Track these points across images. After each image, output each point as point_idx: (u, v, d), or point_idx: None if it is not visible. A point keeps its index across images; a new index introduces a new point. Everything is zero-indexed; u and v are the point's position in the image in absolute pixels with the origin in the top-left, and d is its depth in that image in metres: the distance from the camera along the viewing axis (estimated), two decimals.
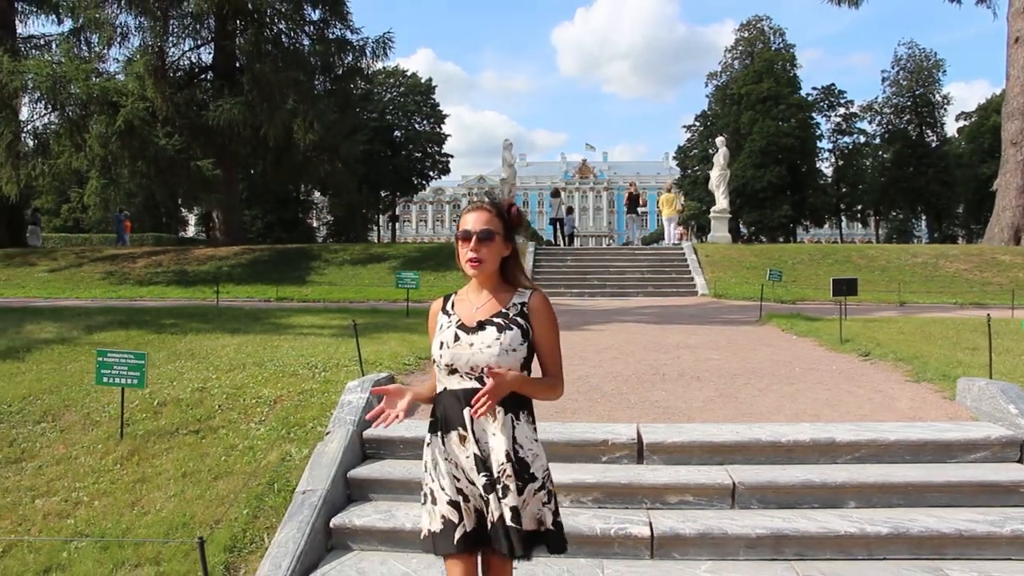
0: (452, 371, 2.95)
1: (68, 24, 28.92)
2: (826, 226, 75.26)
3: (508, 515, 2.85)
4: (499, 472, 2.86)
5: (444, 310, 3.09)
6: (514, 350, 2.90)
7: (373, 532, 4.77)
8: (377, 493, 5.21)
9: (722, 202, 25.90)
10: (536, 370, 3.02)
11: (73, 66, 22.61)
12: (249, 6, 24.46)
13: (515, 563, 3.01)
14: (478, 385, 2.85)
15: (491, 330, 2.93)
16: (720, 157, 26.04)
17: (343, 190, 29.03)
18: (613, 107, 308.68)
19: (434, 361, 3.03)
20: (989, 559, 4.58)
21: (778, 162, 59.15)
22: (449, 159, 67.46)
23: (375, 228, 73.44)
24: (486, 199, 3.08)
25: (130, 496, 5.42)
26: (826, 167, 68.93)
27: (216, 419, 6.33)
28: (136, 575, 4.58)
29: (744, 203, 58.78)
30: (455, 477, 2.93)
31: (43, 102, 23.36)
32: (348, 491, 5.19)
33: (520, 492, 2.86)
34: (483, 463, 2.88)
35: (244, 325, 10.78)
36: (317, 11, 27.07)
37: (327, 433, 5.59)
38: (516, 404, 2.93)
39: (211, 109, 23.97)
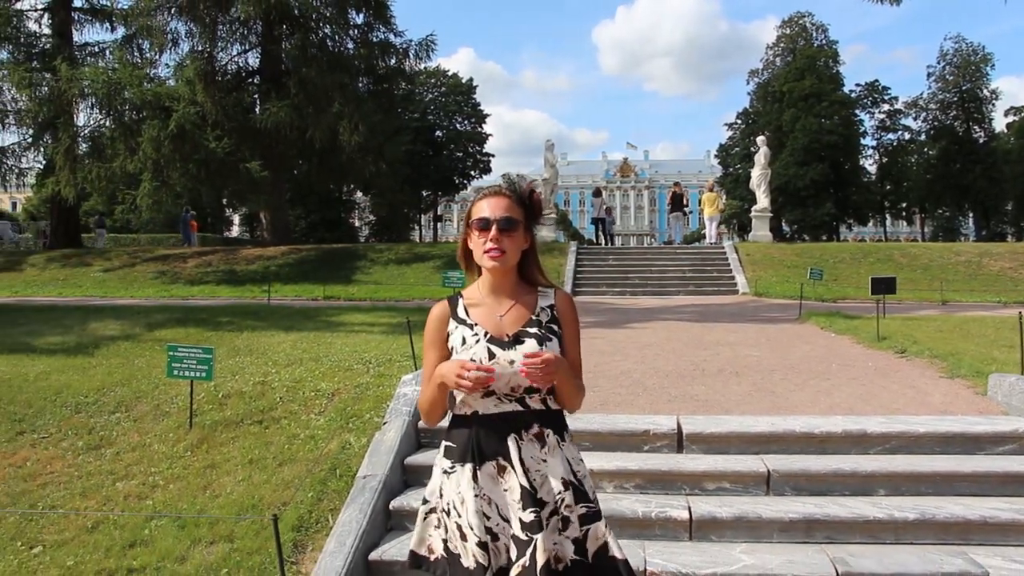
0: (488, 393, 2.57)
1: (121, 32, 29.73)
2: (870, 224, 74.60)
3: (570, 549, 2.57)
4: (557, 502, 2.55)
5: (456, 316, 2.71)
6: None
7: None
8: None
9: (763, 201, 26.01)
10: None
11: (127, 73, 23.35)
12: (295, 11, 25.03)
13: None
14: (519, 408, 2.58)
15: (531, 343, 2.59)
16: (761, 156, 26.14)
17: (387, 191, 29.50)
18: (654, 105, 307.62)
19: None
20: (1013, 545, 4.80)
21: (821, 160, 58.83)
22: (490, 158, 67.91)
23: (417, 227, 74.11)
24: (504, 184, 2.76)
25: (201, 480, 5.83)
26: (870, 164, 68.29)
27: (278, 410, 6.73)
28: (212, 551, 4.97)
29: (786, 201, 58.49)
30: (485, 515, 2.56)
31: (98, 108, 24.11)
32: (405, 477, 5.55)
33: (587, 521, 2.58)
34: (533, 496, 2.53)
35: (297, 323, 11.22)
36: (361, 15, 27.58)
37: (384, 423, 5.96)
38: (559, 422, 2.66)
39: (258, 112, 24.60)
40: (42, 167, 31.79)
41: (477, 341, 2.60)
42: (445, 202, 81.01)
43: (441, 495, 2.67)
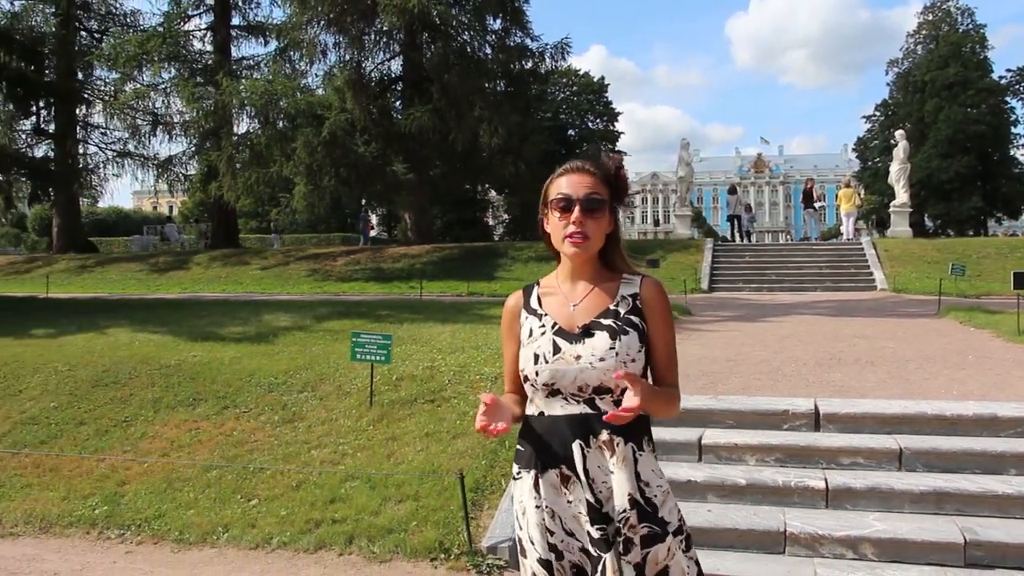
0: (554, 392, 2.35)
1: (273, 45, 31.68)
2: (1023, 218, 71.07)
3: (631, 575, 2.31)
4: (621, 520, 2.30)
5: (528, 306, 2.49)
6: (633, 360, 2.32)
7: None
8: None
9: (902, 196, 25.58)
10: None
11: (282, 84, 24.97)
12: (436, 20, 26.08)
13: None
14: (588, 409, 2.32)
15: (602, 336, 2.33)
16: (900, 150, 25.71)
17: (525, 190, 30.38)
18: (790, 98, 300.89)
19: (525, 378, 2.41)
20: None
21: (966, 151, 56.48)
22: (623, 156, 68.00)
23: None
24: (589, 159, 2.47)
25: (385, 450, 6.67)
26: (1022, 155, 65.13)
27: (447, 391, 7.53)
28: (400, 507, 5.78)
29: (929, 195, 56.44)
30: (548, 530, 2.34)
31: (256, 117, 25.83)
32: None
33: (648, 543, 2.31)
34: (599, 511, 2.31)
35: (451, 316, 12.08)
36: (498, 20, 28.41)
37: None
38: (636, 428, 2.33)
39: (402, 117, 25.77)
40: (202, 173, 34.05)
41: (543, 333, 2.39)
42: None
43: (512, 501, 2.52)
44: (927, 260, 21.05)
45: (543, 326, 2.41)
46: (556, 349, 2.35)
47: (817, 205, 29.67)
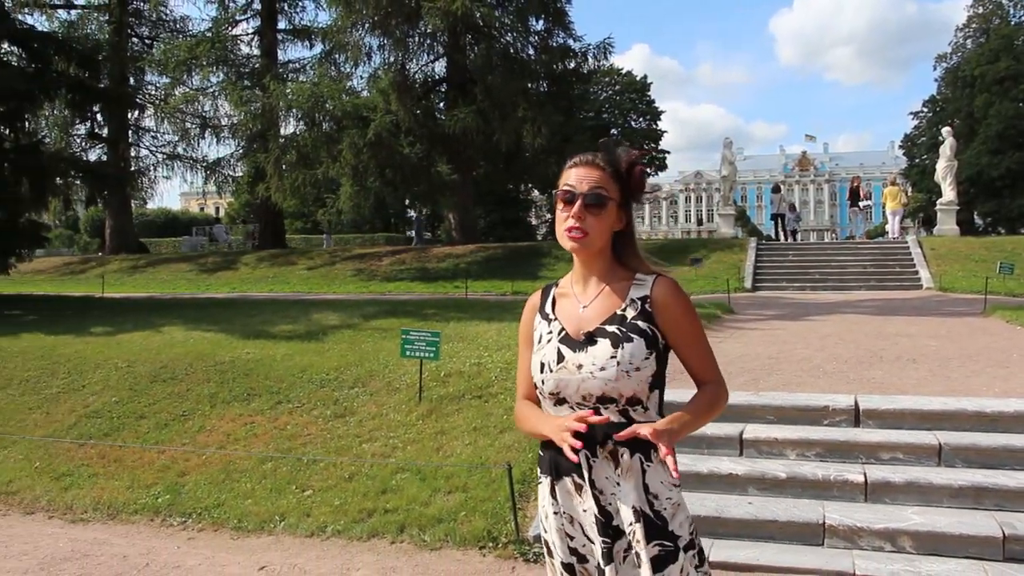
0: (560, 400, 2.31)
1: (319, 48, 32.24)
2: None
3: None
4: (629, 534, 2.23)
5: (542, 310, 2.45)
6: (637, 369, 2.23)
7: None
8: None
9: (949, 194, 25.32)
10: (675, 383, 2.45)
11: (328, 86, 25.37)
12: (479, 22, 26.31)
13: None
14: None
15: (604, 344, 2.25)
16: (946, 148, 25.43)
17: None
18: (835, 95, 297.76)
19: (535, 385, 2.39)
20: None
21: (1018, 147, 55.34)
22: (666, 155, 68.04)
23: None
24: (600, 152, 2.36)
25: (434, 443, 6.89)
26: None
27: (494, 387, 7.74)
28: (450, 498, 5.99)
29: (979, 193, 55.49)
30: (568, 535, 2.32)
31: (303, 120, 26.27)
32: None
33: (660, 566, 2.20)
34: (605, 524, 2.24)
35: (496, 314, 12.27)
36: (541, 21, 28.56)
37: None
38: (644, 439, 2.18)
39: (446, 118, 26.04)
40: (250, 175, 34.68)
41: (550, 340, 2.34)
42: None
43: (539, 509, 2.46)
44: (974, 258, 20.82)
45: (551, 332, 2.36)
46: (560, 358, 2.30)
47: (863, 204, 29.44)
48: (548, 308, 2.43)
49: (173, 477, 7.08)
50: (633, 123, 66.27)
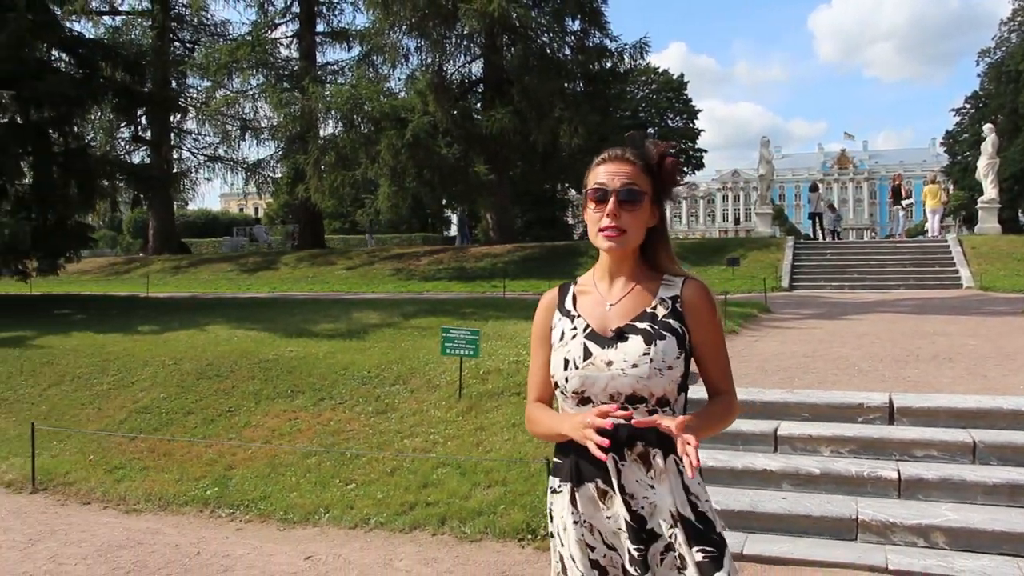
0: (584, 400, 2.20)
1: (356, 51, 32.60)
2: None
3: None
4: (670, 537, 2.15)
5: (562, 307, 2.35)
6: (670, 368, 2.15)
7: None
8: None
9: (990, 192, 25.03)
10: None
11: (366, 88, 25.66)
12: (516, 22, 26.46)
13: None
14: (621, 420, 2.09)
15: (636, 340, 2.17)
16: (988, 145, 25.14)
17: None
18: (875, 92, 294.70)
19: (556, 385, 2.27)
20: None
21: None
22: (703, 154, 67.75)
23: None
24: (629, 146, 2.28)
25: (473, 439, 7.06)
26: None
27: None
28: (489, 492, 6.15)
29: (1022, 190, 54.67)
30: (588, 546, 2.20)
31: (341, 122, 26.59)
32: None
33: (710, 571, 2.12)
34: (638, 530, 2.14)
35: (534, 313, 12.41)
36: (577, 21, 28.64)
37: None
38: (671, 439, 2.09)
39: (483, 119, 26.23)
40: (289, 176, 35.13)
41: (575, 336, 2.24)
42: None
43: (551, 517, 2.35)
44: (1016, 257, 20.59)
45: (575, 328, 2.25)
46: (587, 354, 2.19)
47: (905, 202, 29.21)
48: (568, 304, 2.33)
49: (220, 471, 7.31)
50: (670, 122, 66.08)
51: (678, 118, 66.52)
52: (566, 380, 2.20)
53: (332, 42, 33.34)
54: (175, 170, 34.22)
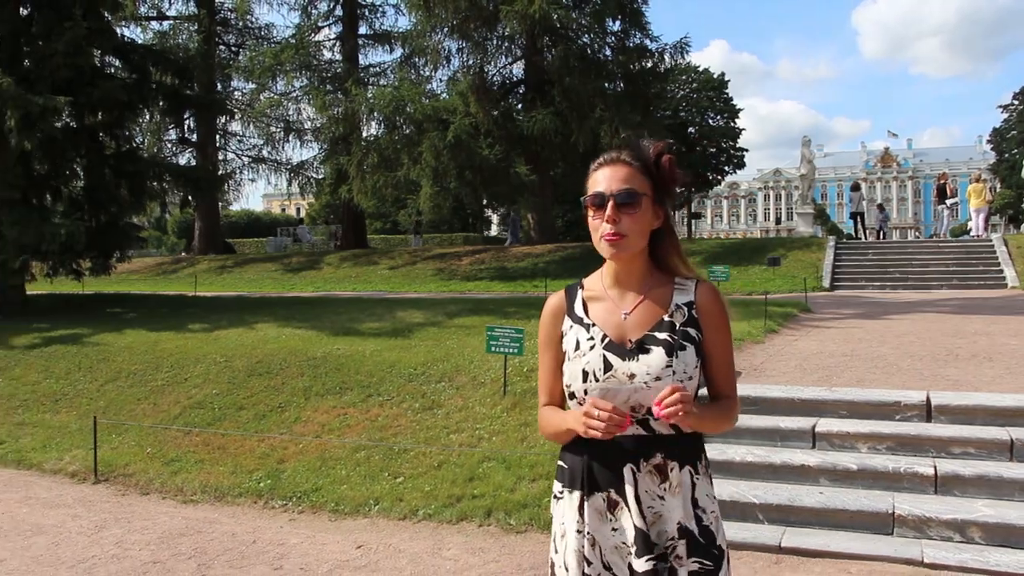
0: None
1: (398, 53, 32.99)
2: None
3: None
4: (667, 549, 2.13)
5: (572, 313, 2.29)
6: (690, 378, 2.15)
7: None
8: (711, 437, 6.66)
9: None
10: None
11: (408, 90, 25.98)
12: (556, 23, 26.62)
13: None
14: (641, 431, 2.14)
15: (658, 353, 2.14)
16: None
17: None
18: (922, 89, 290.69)
19: (571, 395, 2.23)
20: None
21: None
22: (744, 153, 67.29)
23: None
24: (625, 148, 2.26)
25: (518, 435, 7.26)
26: None
27: None
28: (533, 486, 6.35)
29: None
30: (586, 559, 2.15)
31: (384, 124, 26.93)
32: None
33: None
34: (647, 541, 2.11)
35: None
36: (617, 22, 28.73)
37: None
38: (691, 450, 2.19)
39: (524, 120, 26.42)
40: (332, 176, 35.56)
41: (592, 347, 2.18)
42: (698, 198, 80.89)
43: (553, 522, 2.32)
44: None
45: (591, 338, 2.19)
46: (607, 366, 2.15)
47: (950, 201, 28.94)
48: (579, 311, 2.27)
49: (273, 464, 7.58)
50: (711, 121, 65.68)
51: (719, 117, 66.04)
52: (585, 392, 2.16)
53: (374, 44, 33.80)
54: (220, 171, 34.84)
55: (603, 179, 2.20)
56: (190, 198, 24.81)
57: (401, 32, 31.81)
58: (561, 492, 2.25)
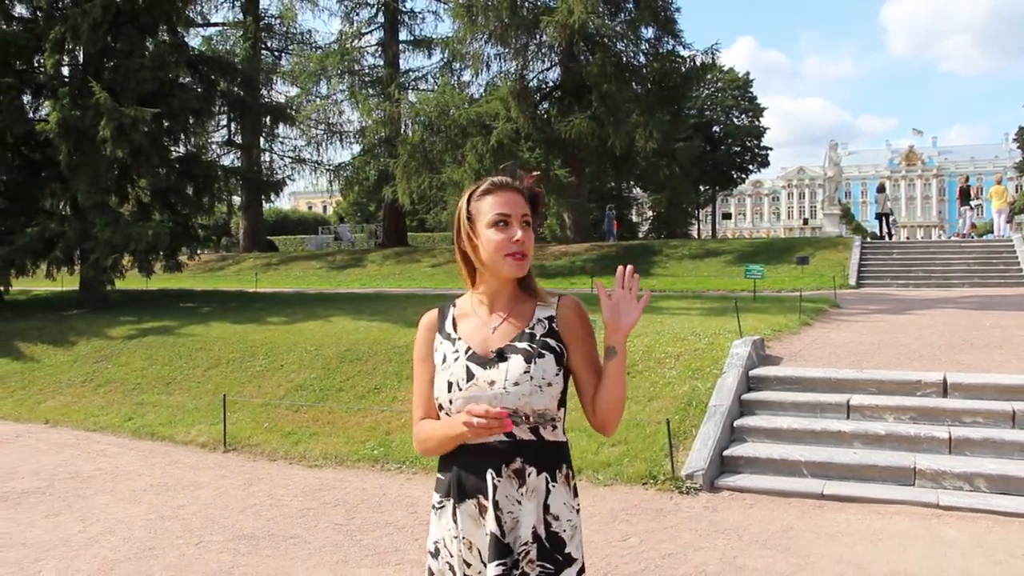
0: None
1: (437, 57, 34.35)
2: None
3: None
4: (520, 553, 2.20)
5: (442, 330, 2.41)
6: (549, 384, 2.24)
7: (761, 430, 7.51)
8: (761, 410, 7.96)
9: None
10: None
11: (451, 95, 27.29)
12: (593, 31, 27.79)
13: None
14: (504, 437, 2.21)
15: (516, 360, 2.24)
16: None
17: (680, 192, 31.85)
18: (950, 86, 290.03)
19: (440, 407, 2.32)
20: None
21: None
22: (768, 152, 68.06)
23: (695, 222, 75.45)
24: (516, 179, 2.37)
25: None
26: None
27: (639, 366, 9.30)
28: (614, 450, 7.60)
29: None
30: (466, 563, 2.25)
31: (428, 128, 28.24)
32: (741, 408, 7.94)
33: None
34: (500, 543, 2.19)
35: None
36: (651, 30, 29.82)
37: (723, 372, 8.38)
38: (552, 458, 2.27)
39: (562, 124, 27.63)
40: (374, 177, 36.87)
41: (456, 359, 2.29)
42: (722, 197, 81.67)
43: (430, 533, 2.39)
44: None
45: (456, 351, 2.31)
46: (470, 375, 2.25)
47: (973, 203, 29.81)
48: (449, 327, 2.39)
49: (380, 436, 8.86)
50: (736, 120, 66.49)
51: (743, 116, 66.84)
52: (450, 402, 2.26)
53: (415, 50, 35.12)
54: (263, 172, 36.27)
55: (506, 202, 2.28)
56: (254, 199, 26.07)
57: (441, 38, 33.13)
58: (440, 503, 2.34)
